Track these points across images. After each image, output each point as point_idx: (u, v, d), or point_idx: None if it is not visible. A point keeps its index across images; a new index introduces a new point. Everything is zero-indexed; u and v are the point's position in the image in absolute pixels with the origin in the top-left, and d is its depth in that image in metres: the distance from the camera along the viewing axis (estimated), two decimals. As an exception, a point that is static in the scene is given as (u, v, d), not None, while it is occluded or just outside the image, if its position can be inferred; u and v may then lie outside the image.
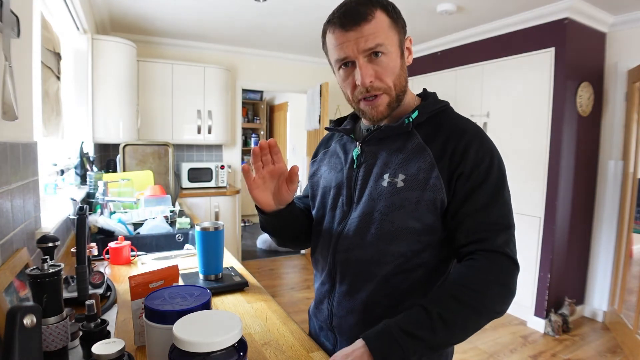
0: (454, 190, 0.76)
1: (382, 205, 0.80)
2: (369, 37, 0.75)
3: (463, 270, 0.73)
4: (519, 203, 2.99)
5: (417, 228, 0.78)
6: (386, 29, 0.76)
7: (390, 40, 0.77)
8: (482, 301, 0.69)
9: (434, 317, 0.66)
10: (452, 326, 0.67)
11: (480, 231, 0.74)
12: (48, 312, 0.70)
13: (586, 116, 2.89)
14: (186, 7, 3.00)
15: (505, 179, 0.79)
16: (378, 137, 0.84)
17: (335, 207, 0.90)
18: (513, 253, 0.74)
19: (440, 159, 0.77)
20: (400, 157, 0.81)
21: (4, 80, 0.90)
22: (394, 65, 0.79)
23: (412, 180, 0.78)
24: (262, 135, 6.59)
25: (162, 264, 1.43)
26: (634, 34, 2.80)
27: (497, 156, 0.79)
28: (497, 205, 0.75)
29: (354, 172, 0.87)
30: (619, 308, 2.77)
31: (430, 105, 0.84)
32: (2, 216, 0.91)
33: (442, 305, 0.68)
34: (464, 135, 0.78)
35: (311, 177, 1.00)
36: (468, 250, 0.75)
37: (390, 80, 0.79)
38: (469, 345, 2.62)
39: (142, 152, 2.94)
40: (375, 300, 0.82)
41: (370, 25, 0.75)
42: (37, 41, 1.49)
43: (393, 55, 0.78)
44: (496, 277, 0.71)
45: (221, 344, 0.54)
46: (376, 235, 0.80)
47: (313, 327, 1.02)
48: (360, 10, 0.75)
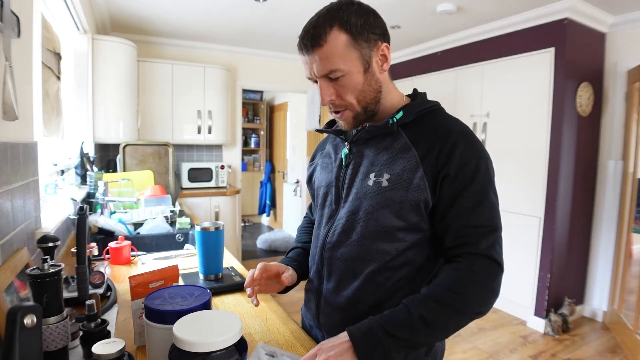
0: (439, 192, 0.77)
1: (367, 204, 0.81)
2: (321, 62, 0.76)
3: (447, 273, 0.76)
4: (519, 203, 2.99)
5: (401, 227, 0.79)
6: (341, 51, 0.76)
7: (347, 61, 0.76)
8: (463, 303, 0.72)
9: (415, 318, 0.70)
10: (433, 327, 0.71)
11: (465, 235, 0.76)
12: (48, 312, 0.70)
13: (586, 116, 2.89)
14: (186, 7, 3.00)
15: (492, 181, 0.79)
16: (365, 137, 0.85)
17: (325, 206, 0.92)
18: (498, 255, 0.76)
19: (425, 160, 0.77)
20: (386, 156, 0.82)
21: (4, 80, 0.90)
22: (355, 82, 0.78)
23: (397, 180, 0.78)
24: (262, 136, 6.59)
25: (162, 264, 1.43)
26: (634, 34, 2.80)
27: (483, 157, 0.79)
28: (483, 208, 0.76)
29: (343, 171, 0.88)
30: (618, 308, 2.77)
31: (418, 105, 0.84)
32: (3, 216, 0.91)
33: (424, 306, 0.72)
34: (450, 136, 0.78)
35: (309, 181, 1.02)
36: (454, 253, 0.77)
37: (352, 97, 0.80)
38: (469, 345, 2.62)
39: (142, 152, 2.94)
40: (361, 297, 0.83)
41: (323, 50, 0.75)
42: (38, 41, 1.49)
43: (353, 74, 0.78)
44: (478, 279, 0.74)
45: (221, 344, 0.54)
46: (361, 233, 0.82)
47: (304, 326, 1.03)
48: (315, 33, 0.75)
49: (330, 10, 0.77)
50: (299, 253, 1.01)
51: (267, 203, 6.24)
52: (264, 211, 6.35)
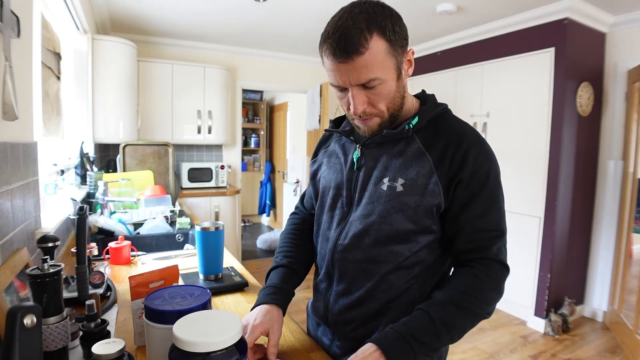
0: (452, 196, 0.78)
1: (381, 208, 0.80)
2: (362, 71, 0.72)
3: (463, 278, 0.78)
4: (519, 203, 2.99)
5: (414, 230, 0.80)
6: (381, 59, 0.72)
7: (385, 69, 0.74)
8: (479, 306, 0.76)
9: (437, 324, 0.73)
10: (452, 330, 0.74)
11: (477, 239, 0.79)
12: (48, 312, 0.70)
13: (586, 116, 2.89)
14: (186, 7, 3.00)
15: (500, 185, 0.82)
16: (378, 141, 0.84)
17: (335, 208, 0.90)
18: (505, 258, 0.81)
19: (440, 165, 0.78)
20: (400, 161, 0.81)
21: (4, 80, 0.90)
22: (389, 90, 0.77)
23: (411, 185, 0.79)
24: (262, 136, 6.59)
25: (162, 264, 1.43)
26: (634, 34, 2.80)
27: (494, 162, 0.81)
28: (494, 212, 0.79)
29: (354, 174, 0.87)
30: (618, 308, 2.77)
31: (430, 109, 0.84)
32: (3, 216, 0.91)
33: (444, 311, 0.74)
34: (463, 141, 0.78)
35: (312, 177, 1.01)
36: (467, 257, 0.80)
37: (384, 105, 0.78)
38: (469, 345, 2.62)
39: (142, 152, 2.94)
40: (373, 296, 0.84)
41: (364, 58, 0.70)
42: (37, 41, 1.49)
43: (389, 82, 0.76)
44: (492, 283, 0.78)
45: (221, 344, 0.54)
46: (375, 237, 0.82)
47: (311, 323, 1.03)
48: (354, 39, 0.69)
49: (364, 12, 0.71)
50: (283, 276, 0.92)
51: (267, 203, 6.24)
52: (264, 211, 6.35)
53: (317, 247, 0.95)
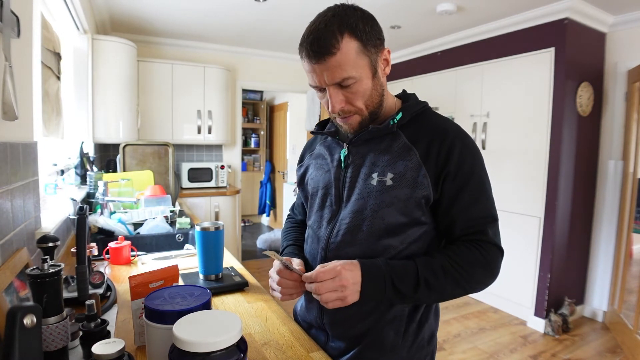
0: (441, 189, 0.81)
1: (373, 202, 0.82)
2: (335, 70, 0.75)
3: (462, 252, 0.80)
4: (519, 203, 2.99)
5: (406, 222, 0.82)
6: (354, 58, 0.75)
7: (359, 68, 0.77)
8: (468, 281, 0.79)
9: (421, 281, 0.77)
10: (432, 291, 0.78)
11: (473, 225, 0.82)
12: (48, 312, 0.70)
13: (586, 116, 2.89)
14: (186, 7, 3.00)
15: (486, 173, 0.85)
16: (364, 138, 0.87)
17: (324, 207, 0.92)
18: (500, 241, 0.84)
19: (427, 159, 0.81)
20: (387, 157, 0.84)
21: (4, 80, 0.90)
22: (365, 88, 0.80)
23: (401, 178, 0.81)
24: (262, 136, 6.59)
25: (162, 264, 1.43)
26: (634, 34, 2.80)
27: (477, 153, 0.84)
28: (484, 200, 0.82)
29: (342, 172, 0.89)
30: (618, 308, 2.77)
31: (413, 106, 0.87)
32: (2, 216, 0.91)
33: (432, 273, 0.78)
34: (446, 135, 0.82)
35: (300, 182, 1.02)
36: (467, 239, 0.83)
37: (361, 103, 0.81)
38: (469, 345, 2.62)
39: (142, 152, 2.94)
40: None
41: (336, 58, 0.74)
42: (37, 41, 1.48)
43: (364, 80, 0.79)
44: (487, 265, 0.80)
45: (221, 344, 0.54)
46: (367, 232, 0.83)
47: (301, 326, 1.01)
48: (326, 40, 0.73)
49: (336, 15, 0.76)
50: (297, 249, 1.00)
51: (267, 203, 6.24)
52: (264, 211, 6.35)
53: (307, 249, 0.95)
